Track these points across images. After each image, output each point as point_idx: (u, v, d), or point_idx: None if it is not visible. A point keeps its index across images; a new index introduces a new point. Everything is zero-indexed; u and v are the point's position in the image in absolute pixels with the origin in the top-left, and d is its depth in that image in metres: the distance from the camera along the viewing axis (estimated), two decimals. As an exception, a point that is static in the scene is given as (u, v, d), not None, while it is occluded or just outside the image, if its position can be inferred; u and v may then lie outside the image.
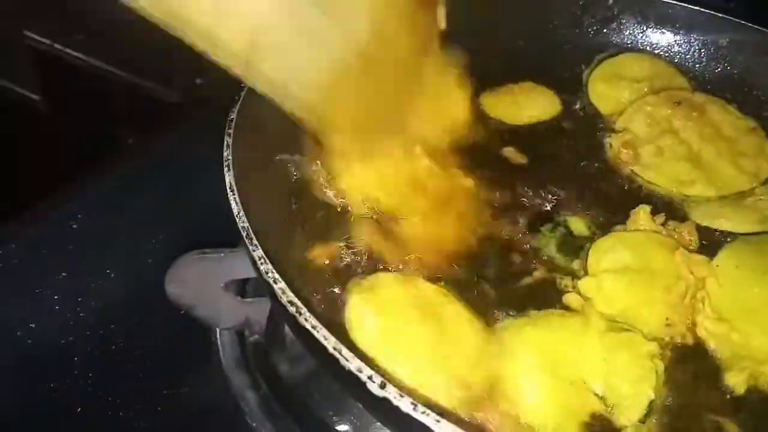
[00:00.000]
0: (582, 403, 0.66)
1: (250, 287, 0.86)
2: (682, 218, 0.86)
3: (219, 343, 0.83)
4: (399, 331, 0.67)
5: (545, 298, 0.76)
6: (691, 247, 0.82)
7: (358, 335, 0.67)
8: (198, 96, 1.26)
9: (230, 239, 0.77)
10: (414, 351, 0.66)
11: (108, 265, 0.92)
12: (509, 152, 0.95)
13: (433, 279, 0.74)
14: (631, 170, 0.93)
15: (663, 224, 0.84)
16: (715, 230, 0.84)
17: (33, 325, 0.85)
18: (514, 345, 0.69)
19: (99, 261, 0.91)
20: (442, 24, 0.83)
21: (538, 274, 0.79)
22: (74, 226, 0.93)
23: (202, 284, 0.80)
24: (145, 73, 1.32)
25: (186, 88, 1.29)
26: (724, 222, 0.85)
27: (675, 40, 1.13)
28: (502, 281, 0.78)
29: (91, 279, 0.90)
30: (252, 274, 0.80)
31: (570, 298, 0.76)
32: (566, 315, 0.74)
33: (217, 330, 0.84)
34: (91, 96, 1.36)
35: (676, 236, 0.82)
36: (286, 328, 0.83)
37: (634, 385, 0.67)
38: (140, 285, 0.88)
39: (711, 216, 0.86)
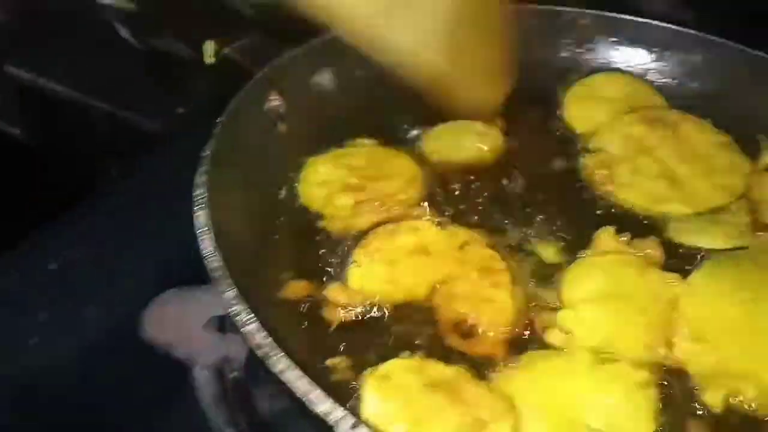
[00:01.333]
0: None
1: (228, 323, 0.86)
2: (656, 236, 0.85)
3: (197, 380, 0.83)
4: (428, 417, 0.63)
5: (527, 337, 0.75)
6: (659, 264, 0.81)
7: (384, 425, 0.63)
8: (180, 125, 1.26)
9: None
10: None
11: (87, 304, 0.91)
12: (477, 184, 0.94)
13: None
14: (606, 190, 0.93)
15: (628, 243, 0.83)
16: (688, 247, 0.84)
17: (10, 366, 0.85)
18: (509, 395, 0.67)
19: (78, 301, 0.91)
20: None
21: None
22: (52, 267, 0.93)
23: (180, 322, 0.80)
24: (126, 103, 1.32)
25: (167, 117, 1.29)
26: (702, 238, 0.85)
27: (650, 59, 1.13)
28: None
29: (69, 320, 0.90)
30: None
31: (551, 335, 0.74)
32: (550, 354, 0.72)
33: (196, 367, 0.84)
34: (73, 128, 1.37)
35: (642, 254, 0.82)
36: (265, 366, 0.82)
37: (635, 419, 0.66)
38: (119, 324, 0.88)
39: (687, 233, 0.86)
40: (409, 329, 0.73)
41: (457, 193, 0.92)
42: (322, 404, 0.54)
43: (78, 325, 0.90)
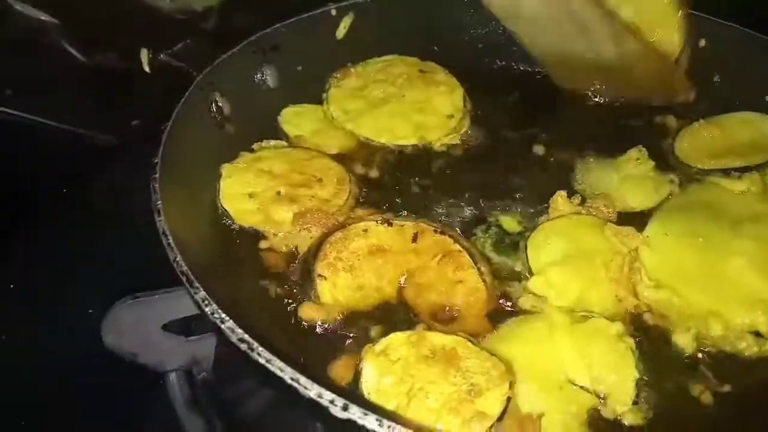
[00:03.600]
0: (577, 403, 0.68)
1: (193, 325, 0.85)
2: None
3: (167, 385, 0.82)
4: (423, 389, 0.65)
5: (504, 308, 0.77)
6: (612, 219, 0.86)
7: (382, 401, 0.64)
8: (134, 137, 1.22)
9: (166, 280, 0.76)
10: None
11: (46, 321, 0.88)
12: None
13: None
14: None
15: (581, 204, 0.88)
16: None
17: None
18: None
19: (37, 318, 0.88)
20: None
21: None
22: (11, 287, 0.89)
23: (141, 329, 0.78)
24: (78, 120, 1.26)
25: (121, 130, 1.24)
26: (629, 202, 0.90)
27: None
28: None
29: (28, 338, 0.87)
30: (192, 311, 0.80)
31: (526, 302, 0.77)
32: (528, 320, 0.75)
33: (165, 372, 0.83)
34: (23, 149, 1.29)
35: (594, 212, 0.86)
36: (233, 365, 0.83)
37: (617, 371, 0.69)
38: (80, 337, 0.85)
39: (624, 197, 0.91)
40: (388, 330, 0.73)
41: (386, 185, 0.92)
42: (313, 388, 0.55)
43: (38, 342, 0.86)
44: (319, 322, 0.74)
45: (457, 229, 0.86)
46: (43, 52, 1.08)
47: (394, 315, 0.76)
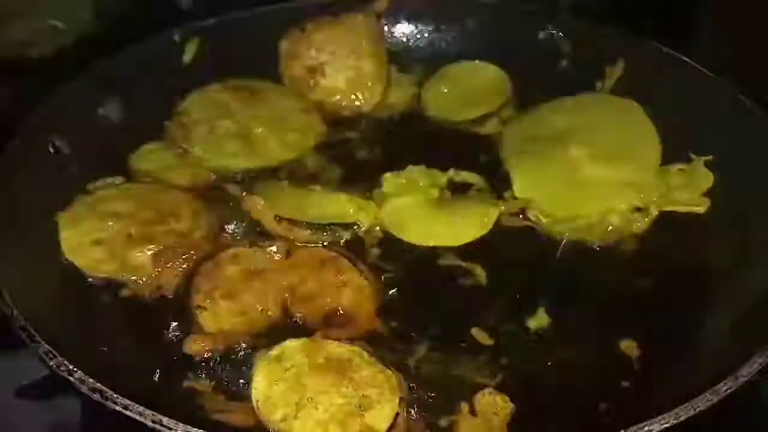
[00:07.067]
0: None
1: (50, 387, 0.77)
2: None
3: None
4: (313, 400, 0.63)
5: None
6: None
7: (270, 410, 0.62)
8: None
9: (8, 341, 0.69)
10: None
11: None
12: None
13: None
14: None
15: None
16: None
17: None
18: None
19: None
20: None
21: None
22: None
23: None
24: None
25: None
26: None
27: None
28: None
29: None
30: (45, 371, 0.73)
31: None
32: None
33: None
34: None
35: None
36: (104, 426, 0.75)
37: None
38: None
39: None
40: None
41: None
42: (178, 427, 0.51)
43: None
44: (207, 354, 0.69)
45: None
46: None
47: (286, 334, 0.71)
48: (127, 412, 0.53)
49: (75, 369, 0.57)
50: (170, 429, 0.52)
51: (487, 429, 0.64)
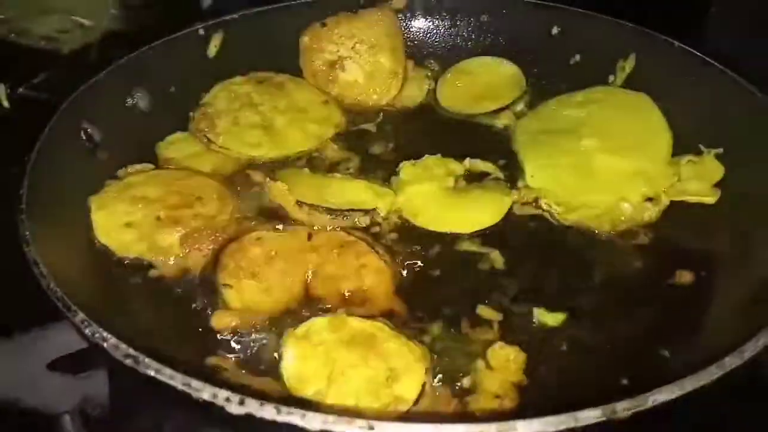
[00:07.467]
0: None
1: (80, 361, 0.80)
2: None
3: (60, 427, 0.76)
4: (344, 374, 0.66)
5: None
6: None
7: (302, 386, 0.65)
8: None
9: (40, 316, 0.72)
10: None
11: None
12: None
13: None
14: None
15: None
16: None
17: None
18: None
19: None
20: None
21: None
22: None
23: (19, 371, 0.73)
24: None
25: None
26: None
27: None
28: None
29: None
30: (77, 346, 0.76)
31: None
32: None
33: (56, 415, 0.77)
34: None
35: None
36: (131, 397, 0.78)
37: None
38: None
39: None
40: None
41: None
42: (206, 389, 0.53)
43: None
44: (233, 329, 0.73)
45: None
46: None
47: (308, 312, 0.75)
48: (159, 376, 0.56)
49: (109, 335, 0.59)
50: (198, 391, 0.54)
51: (505, 378, 0.68)
